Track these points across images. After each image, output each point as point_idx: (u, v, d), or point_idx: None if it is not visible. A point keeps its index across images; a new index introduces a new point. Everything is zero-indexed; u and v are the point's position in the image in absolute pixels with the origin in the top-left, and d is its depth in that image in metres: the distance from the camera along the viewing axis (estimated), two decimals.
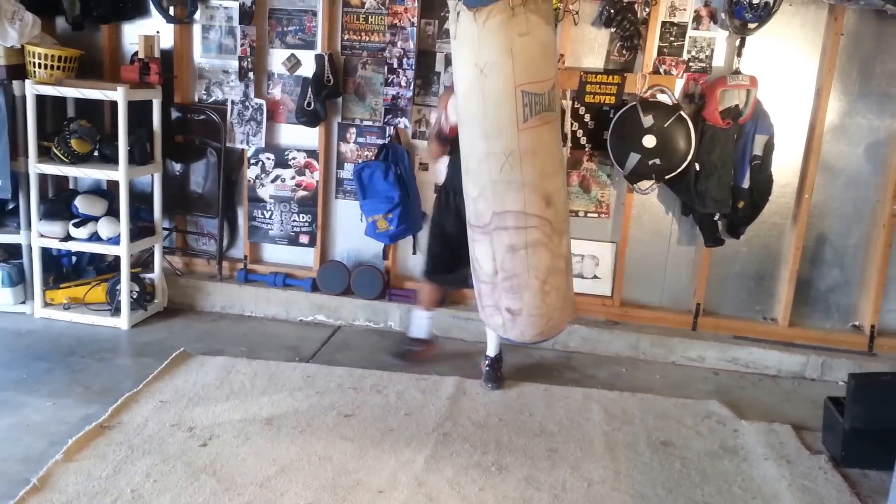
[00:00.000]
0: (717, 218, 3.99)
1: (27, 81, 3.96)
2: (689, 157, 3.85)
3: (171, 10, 4.25)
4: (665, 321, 4.20)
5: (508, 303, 2.73)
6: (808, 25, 3.90)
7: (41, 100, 4.06)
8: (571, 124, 4.07)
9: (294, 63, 4.30)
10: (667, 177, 3.91)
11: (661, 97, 3.92)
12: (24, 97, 3.97)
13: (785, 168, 4.00)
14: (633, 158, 3.87)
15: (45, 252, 4.18)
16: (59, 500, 2.58)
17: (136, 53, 4.20)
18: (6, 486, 2.62)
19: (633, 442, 3.19)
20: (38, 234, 4.08)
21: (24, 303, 4.21)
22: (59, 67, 4.02)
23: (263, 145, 4.38)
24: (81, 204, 4.14)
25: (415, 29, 4.07)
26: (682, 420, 3.41)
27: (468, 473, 2.89)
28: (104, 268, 4.45)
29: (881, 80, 3.91)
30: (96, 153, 4.12)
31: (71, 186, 4.51)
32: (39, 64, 3.98)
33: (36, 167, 4.01)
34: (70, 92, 4.02)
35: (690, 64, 3.98)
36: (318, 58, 4.14)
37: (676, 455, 3.11)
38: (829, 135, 3.97)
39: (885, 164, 3.97)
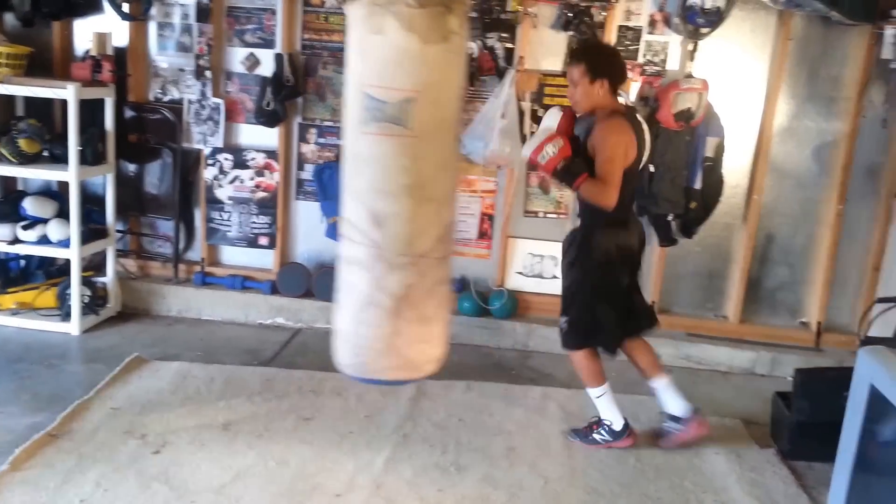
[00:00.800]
0: (670, 218, 4.07)
1: None
2: (644, 159, 3.91)
3: (126, 7, 4.17)
4: None
5: (334, 316, 2.58)
6: (758, 30, 3.99)
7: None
8: (531, 126, 4.11)
9: (253, 62, 4.26)
10: None
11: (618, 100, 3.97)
12: None
13: (735, 169, 4.10)
14: None
15: None
16: None
17: (88, 51, 4.12)
18: None
19: None
20: None
21: None
22: (6, 65, 3.90)
23: (221, 145, 4.33)
24: (30, 206, 4.05)
25: None
26: (636, 417, 3.45)
27: (427, 474, 2.91)
28: (54, 271, 4.34)
29: (827, 83, 4.03)
30: (46, 153, 4.03)
31: (19, 188, 4.39)
32: None
33: None
34: (18, 90, 3.94)
35: (645, 67, 4.05)
36: (278, 57, 4.12)
37: (631, 451, 3.16)
38: (778, 137, 4.08)
39: (830, 165, 4.09)
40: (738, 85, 4.04)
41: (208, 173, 4.39)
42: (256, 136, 4.32)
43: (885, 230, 4.07)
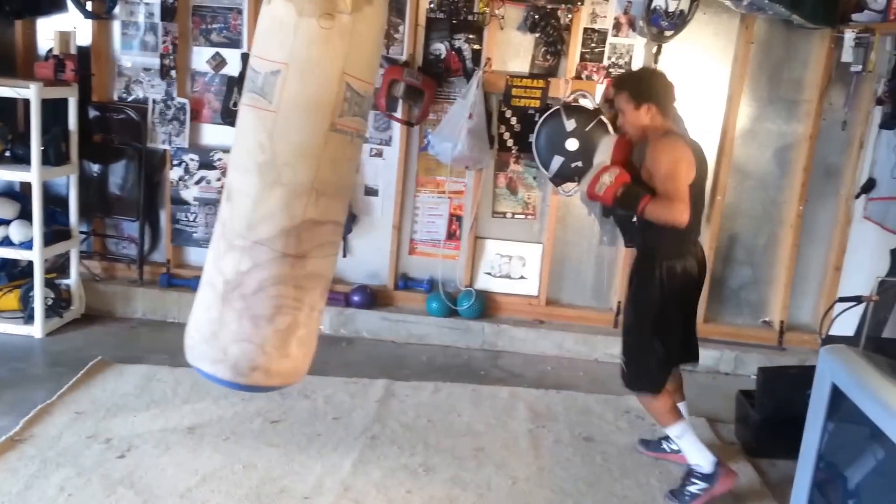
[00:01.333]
0: (634, 219, 4.10)
1: None
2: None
3: (89, 6, 4.12)
4: (588, 320, 4.31)
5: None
6: (721, 34, 4.05)
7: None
8: (499, 127, 4.13)
9: (219, 62, 4.23)
10: None
11: (584, 101, 4.01)
12: None
13: None
14: (557, 161, 3.96)
15: None
16: None
17: (51, 50, 4.06)
18: None
19: (557, 438, 3.28)
20: None
21: None
22: None
23: (187, 146, 4.29)
24: None
25: None
26: (603, 416, 3.51)
27: (395, 476, 2.91)
28: (16, 273, 4.27)
29: (789, 86, 4.10)
30: (8, 153, 3.96)
31: None
32: None
33: None
34: None
35: (611, 70, 4.09)
36: (245, 57, 4.08)
37: (598, 450, 3.20)
38: (741, 139, 4.14)
39: (791, 167, 4.16)
40: (702, 87, 4.09)
41: (174, 174, 4.34)
42: (223, 137, 4.27)
43: (845, 230, 4.15)
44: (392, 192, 4.26)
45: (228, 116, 4.12)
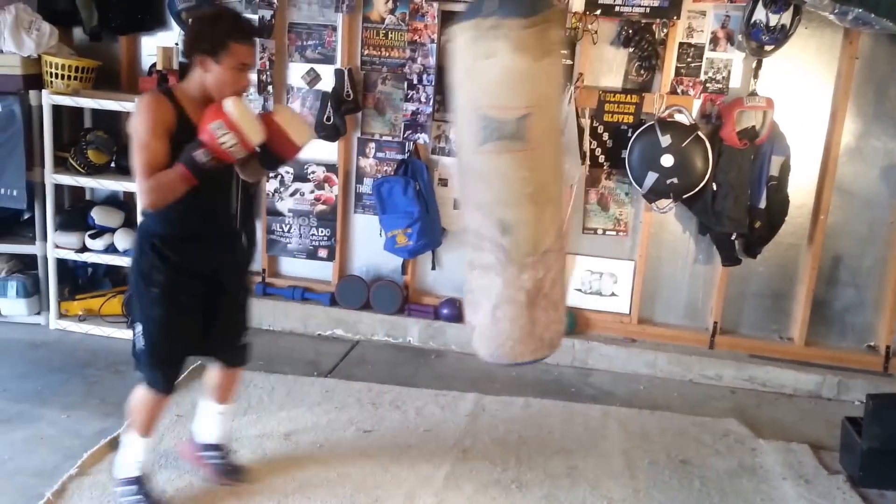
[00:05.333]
0: (734, 237, 4.01)
1: (44, 91, 3.98)
2: (707, 177, 3.88)
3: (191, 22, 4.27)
4: (682, 339, 4.21)
5: (467, 314, 2.76)
6: (823, 49, 3.93)
7: (58, 110, 4.07)
8: (590, 143, 4.09)
9: (313, 77, 4.32)
10: (684, 196, 3.94)
11: (679, 117, 3.94)
12: (40, 107, 3.98)
13: (801, 189, 4.02)
14: (651, 177, 3.90)
15: (61, 263, 4.17)
16: None
17: (154, 65, 4.22)
18: (20, 500, 2.62)
19: (653, 460, 3.19)
20: (54, 245, 4.08)
21: (39, 314, 4.20)
22: (76, 78, 4.03)
23: None
24: (98, 215, 4.15)
25: (435, 45, 4.10)
26: (700, 438, 3.41)
27: (487, 491, 2.89)
28: (120, 279, 4.42)
29: (895, 103, 3.94)
30: (113, 164, 4.13)
31: (87, 197, 4.50)
32: (56, 74, 3.99)
33: (52, 178, 4.02)
34: (87, 102, 4.04)
35: (707, 85, 4.01)
36: (338, 72, 4.16)
37: (695, 474, 3.11)
38: (845, 156, 3.99)
39: None
40: (803, 103, 3.97)
41: (269, 186, 4.44)
42: (316, 150, 4.35)
43: None
44: None
45: (322, 130, 4.19)
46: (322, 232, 4.45)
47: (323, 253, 4.47)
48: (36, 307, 4.20)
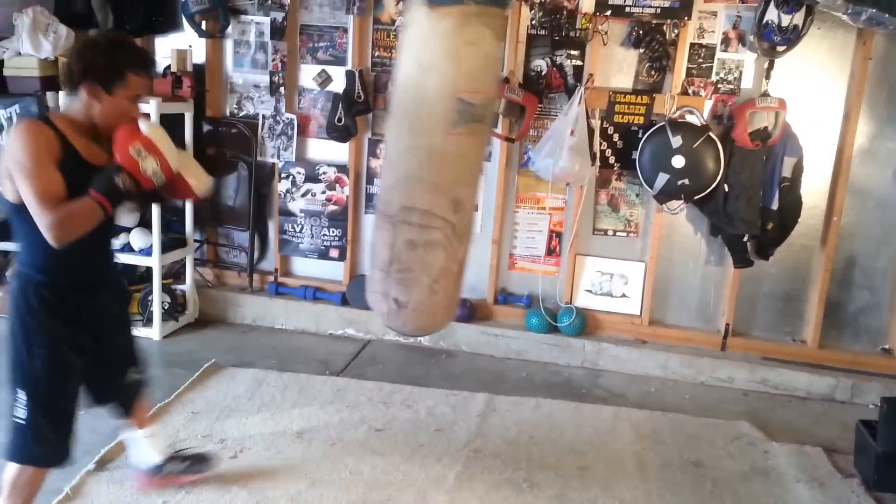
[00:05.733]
0: (746, 239, 4.00)
1: (61, 93, 4.02)
2: (718, 178, 3.87)
3: (204, 25, 4.30)
4: (694, 341, 4.20)
5: (397, 293, 2.72)
6: (836, 49, 3.91)
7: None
8: (600, 143, 4.09)
9: (325, 79, 4.35)
10: (696, 197, 3.94)
11: (690, 118, 3.94)
12: (57, 108, 4.02)
13: (813, 190, 4.01)
14: (662, 178, 3.89)
15: None
16: None
17: (168, 67, 4.25)
18: (39, 495, 2.60)
19: (664, 462, 3.18)
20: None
21: None
22: None
23: (294, 159, 4.42)
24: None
25: None
26: (712, 441, 3.40)
27: (499, 490, 2.89)
28: (136, 278, 4.46)
29: None
30: None
31: None
32: None
33: None
34: None
35: (719, 85, 4.00)
36: (349, 74, 4.19)
37: (708, 476, 3.10)
38: (858, 158, 3.97)
39: None
40: (816, 104, 3.95)
41: (281, 186, 4.47)
42: (328, 151, 4.40)
43: None
44: (491, 208, 4.27)
45: (333, 131, 4.22)
46: (333, 232, 4.47)
47: (334, 253, 4.50)
48: None
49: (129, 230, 4.16)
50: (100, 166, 2.14)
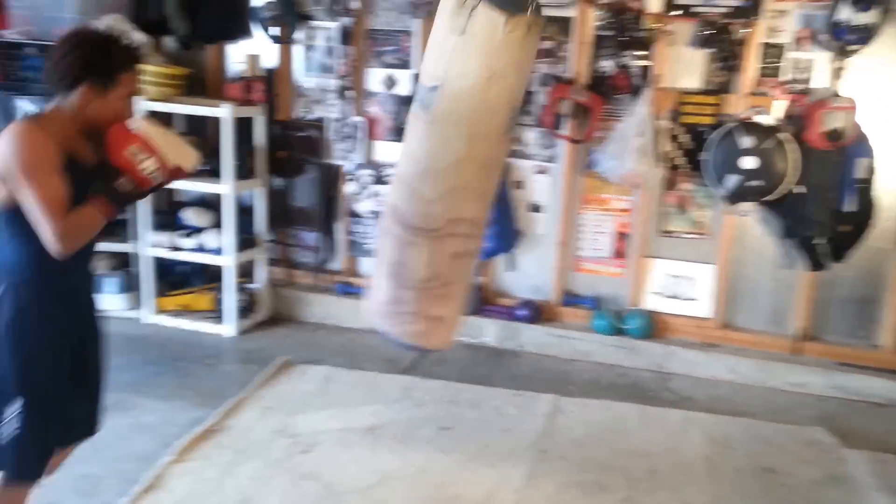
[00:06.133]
0: (819, 241, 3.91)
1: (138, 98, 4.17)
2: (790, 180, 3.80)
3: (275, 31, 4.40)
4: (765, 345, 4.12)
5: (438, 310, 2.63)
6: None
7: (151, 116, 4.25)
8: (668, 145, 4.06)
9: (391, 82, 4.41)
10: (767, 199, 3.87)
11: (760, 118, 3.88)
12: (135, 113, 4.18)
13: (890, 191, 3.89)
14: (732, 180, 3.83)
15: (155, 261, 4.36)
16: (169, 500, 2.71)
17: (240, 72, 4.37)
18: (121, 484, 2.75)
19: (735, 467, 3.14)
20: (149, 244, 4.28)
21: (135, 309, 4.41)
22: (168, 85, 4.20)
23: (362, 162, 4.49)
24: (189, 216, 4.33)
25: None
26: (785, 446, 3.34)
27: (567, 491, 2.89)
28: (211, 277, 4.57)
29: None
30: (202, 167, 4.28)
31: (179, 199, 4.68)
32: (150, 81, 4.15)
33: None
34: (179, 108, 4.23)
35: (790, 85, 3.93)
36: (415, 77, 4.24)
37: (780, 482, 3.05)
38: None
39: None
40: (891, 104, 3.84)
41: (349, 188, 4.55)
42: (394, 153, 4.44)
43: None
44: (557, 209, 4.27)
45: (399, 134, 4.28)
46: None
47: None
48: (133, 302, 4.42)
49: (202, 231, 4.29)
50: (93, 169, 2.03)
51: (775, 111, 3.90)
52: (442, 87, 2.41)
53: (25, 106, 4.20)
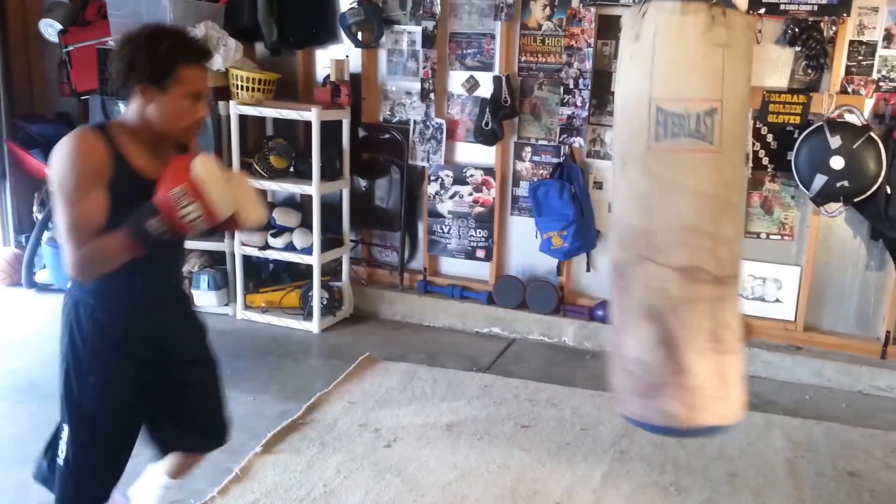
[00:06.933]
0: None
1: (231, 102, 4.33)
2: (880, 180, 3.69)
3: (360, 36, 4.51)
4: (851, 348, 4.02)
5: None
6: None
7: (243, 119, 4.43)
8: (753, 144, 4.00)
9: (472, 84, 4.48)
10: (855, 199, 3.77)
11: (850, 117, 3.77)
12: (228, 117, 4.36)
13: None
14: (820, 180, 3.76)
15: (246, 259, 4.54)
16: (258, 490, 2.83)
17: (328, 76, 4.49)
18: (211, 473, 2.85)
19: (818, 471, 3.10)
20: (240, 243, 4.47)
21: (227, 305, 4.61)
22: (259, 89, 4.34)
23: (443, 163, 4.58)
24: (278, 216, 4.49)
25: (591, 50, 4.14)
26: (870, 451, 3.27)
27: (646, 492, 2.91)
28: (298, 275, 4.77)
29: None
30: (292, 169, 4.43)
31: (268, 199, 4.88)
32: (242, 86, 4.31)
33: None
34: (269, 112, 4.38)
35: (881, 83, 3.81)
36: (496, 79, 4.30)
37: (865, 487, 2.99)
38: None
39: None
40: None
41: (431, 189, 4.65)
42: (475, 154, 4.53)
43: None
44: None
45: (480, 135, 4.34)
46: (480, 233, 4.60)
47: (481, 253, 4.63)
48: (224, 299, 4.61)
49: (292, 230, 4.47)
50: (150, 184, 1.86)
51: (865, 110, 3.80)
52: (720, 107, 2.00)
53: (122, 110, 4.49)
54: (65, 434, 2.02)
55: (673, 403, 2.10)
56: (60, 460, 2.04)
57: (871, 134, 3.69)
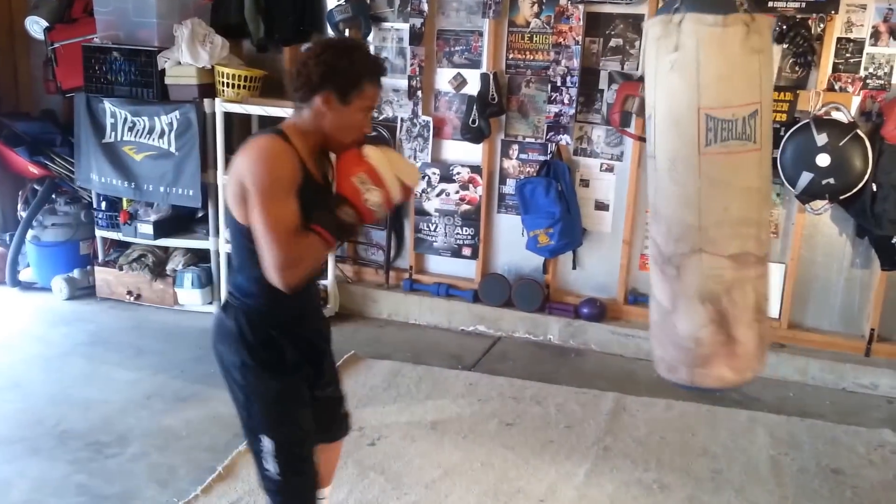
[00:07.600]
0: (894, 241, 3.80)
1: (216, 100, 4.30)
2: (866, 178, 3.69)
3: (348, 33, 4.49)
4: (835, 346, 4.03)
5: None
6: None
7: (228, 116, 4.40)
8: None
9: (460, 82, 4.47)
10: (841, 197, 3.77)
11: (836, 115, 3.78)
12: (213, 114, 4.32)
13: None
14: (806, 177, 3.76)
15: (229, 257, 4.53)
16: (241, 489, 2.83)
17: None
18: (195, 472, 2.87)
19: (801, 468, 3.12)
20: (225, 241, 4.43)
21: (211, 303, 4.58)
22: (245, 87, 4.32)
23: (430, 160, 4.57)
24: None
25: (579, 47, 4.13)
26: (853, 448, 3.28)
27: (629, 490, 2.92)
28: None
29: None
30: None
31: None
32: (227, 83, 4.28)
33: (224, 179, 4.32)
34: (255, 109, 4.34)
35: (868, 81, 3.82)
36: (484, 77, 4.29)
37: (847, 484, 3.01)
38: None
39: None
40: None
41: (417, 186, 4.63)
42: (461, 152, 4.52)
43: None
44: (622, 207, 4.27)
45: (467, 133, 4.34)
46: (466, 231, 4.59)
47: (467, 251, 4.62)
48: (209, 297, 4.59)
49: None
50: (322, 191, 1.96)
51: (852, 107, 3.81)
52: (759, 108, 2.22)
53: (110, 108, 4.46)
54: (265, 445, 2.04)
55: (723, 370, 2.41)
56: (270, 476, 2.06)
57: (858, 131, 3.69)
